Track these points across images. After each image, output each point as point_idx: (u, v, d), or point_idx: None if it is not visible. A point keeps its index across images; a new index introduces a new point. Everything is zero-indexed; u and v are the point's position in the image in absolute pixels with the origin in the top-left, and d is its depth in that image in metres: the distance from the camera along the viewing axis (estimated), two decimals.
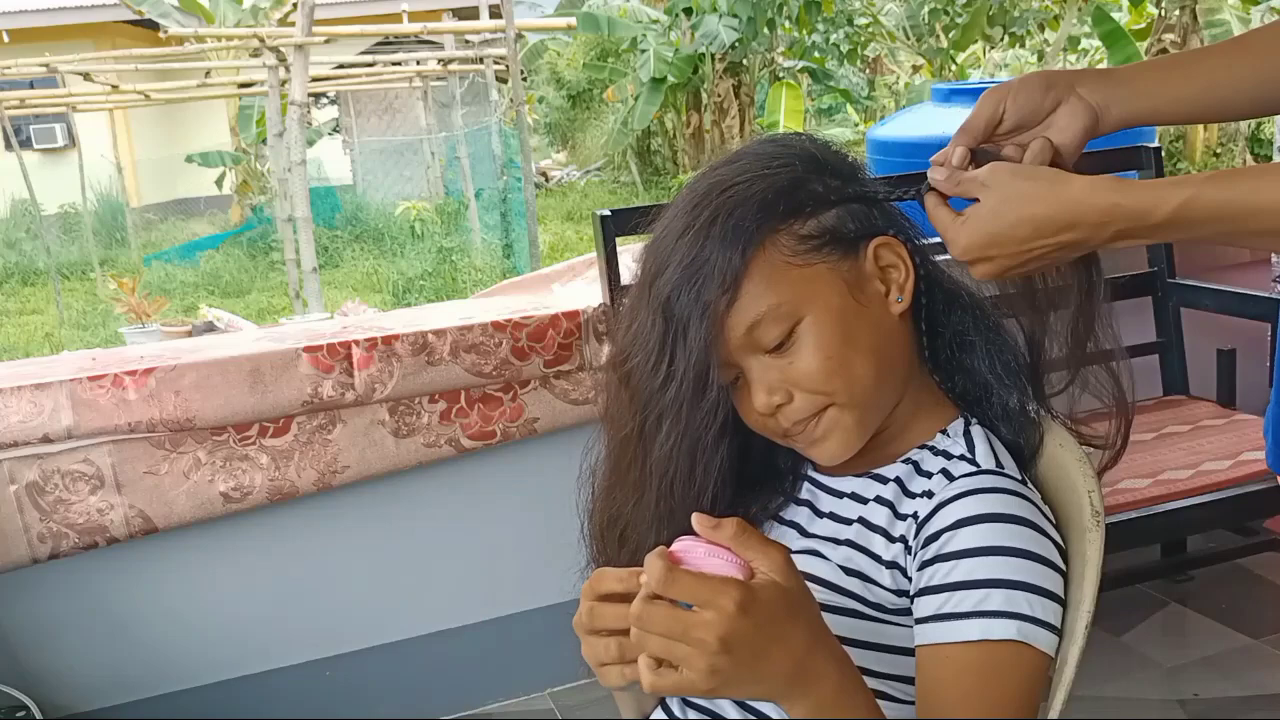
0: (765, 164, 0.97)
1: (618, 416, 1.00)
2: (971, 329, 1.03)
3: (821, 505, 1.05)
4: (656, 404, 0.95)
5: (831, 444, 0.98)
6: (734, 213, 0.93)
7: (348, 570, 2.35)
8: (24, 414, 2.02)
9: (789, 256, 0.94)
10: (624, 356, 0.98)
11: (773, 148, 1.00)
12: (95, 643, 2.20)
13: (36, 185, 11.15)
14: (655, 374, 0.95)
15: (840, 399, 0.96)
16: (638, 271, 1.00)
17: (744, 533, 0.79)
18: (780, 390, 0.96)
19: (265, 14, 12.20)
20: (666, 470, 0.97)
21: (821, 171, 0.98)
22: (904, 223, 1.01)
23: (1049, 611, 0.91)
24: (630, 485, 1.00)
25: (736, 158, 0.99)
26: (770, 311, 0.93)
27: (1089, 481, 1.00)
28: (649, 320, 0.95)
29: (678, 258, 0.94)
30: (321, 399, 2.14)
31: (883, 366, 0.98)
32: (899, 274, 0.98)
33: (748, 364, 0.96)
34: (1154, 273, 2.72)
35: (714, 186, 0.96)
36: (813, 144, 1.01)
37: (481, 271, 10.32)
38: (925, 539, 0.94)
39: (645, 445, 0.97)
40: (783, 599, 0.78)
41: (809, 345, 0.94)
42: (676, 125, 14.87)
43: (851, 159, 1.02)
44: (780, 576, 0.78)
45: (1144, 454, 2.38)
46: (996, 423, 1.03)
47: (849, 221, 0.97)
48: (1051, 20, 12.26)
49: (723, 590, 0.75)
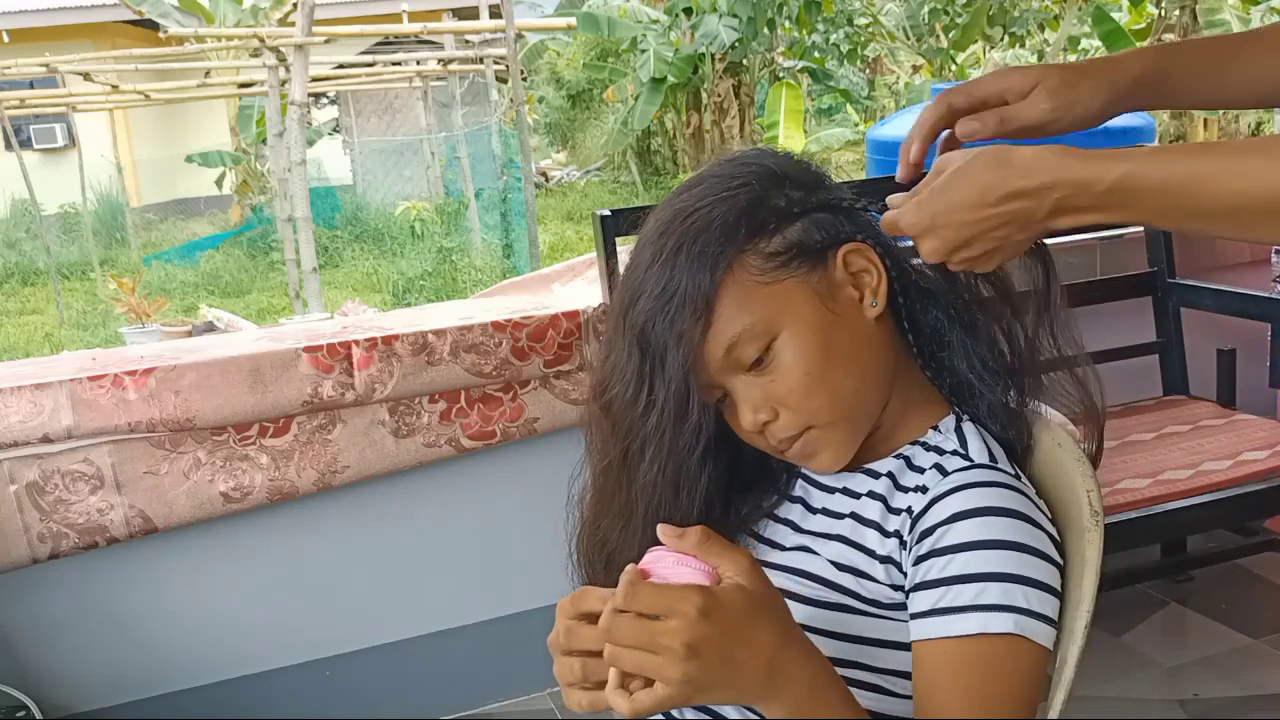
0: (725, 185, 0.97)
1: (601, 446, 1.02)
2: (948, 328, 1.03)
3: (814, 501, 1.05)
4: (638, 433, 0.97)
5: (824, 458, 0.99)
6: (698, 239, 0.94)
7: (348, 570, 2.35)
8: (24, 414, 2.02)
9: (757, 276, 0.95)
10: (603, 387, 0.99)
11: (731, 168, 1.00)
12: (95, 643, 2.20)
13: (36, 185, 11.14)
14: (635, 404, 0.96)
15: (822, 418, 0.97)
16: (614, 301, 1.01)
17: (708, 539, 0.81)
18: (765, 408, 0.97)
19: (265, 14, 12.19)
20: (651, 497, 0.98)
21: (781, 185, 0.98)
22: (874, 227, 1.01)
23: (1046, 604, 0.92)
24: (616, 512, 1.01)
25: (698, 182, 1.00)
26: (745, 332, 0.94)
27: (1088, 481, 1.00)
28: (625, 351, 0.96)
29: (649, 288, 0.95)
30: (321, 399, 2.14)
31: (864, 373, 0.98)
32: (871, 278, 0.99)
33: (731, 384, 0.97)
34: (1154, 273, 2.72)
35: (677, 214, 0.97)
36: (771, 158, 1.01)
37: (481, 271, 10.31)
38: (920, 533, 0.95)
39: (629, 473, 0.99)
40: (746, 601, 0.79)
41: (787, 360, 0.95)
42: (676, 125, 14.88)
43: (815, 168, 1.02)
44: (745, 579, 0.80)
45: (1144, 454, 2.38)
46: (986, 419, 1.03)
47: (815, 232, 0.97)
48: (1051, 20, 12.27)
49: (684, 597, 0.77)
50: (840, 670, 0.98)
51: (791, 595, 1.01)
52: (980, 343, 1.04)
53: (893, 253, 1.01)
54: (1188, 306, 2.71)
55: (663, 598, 0.77)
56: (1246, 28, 9.20)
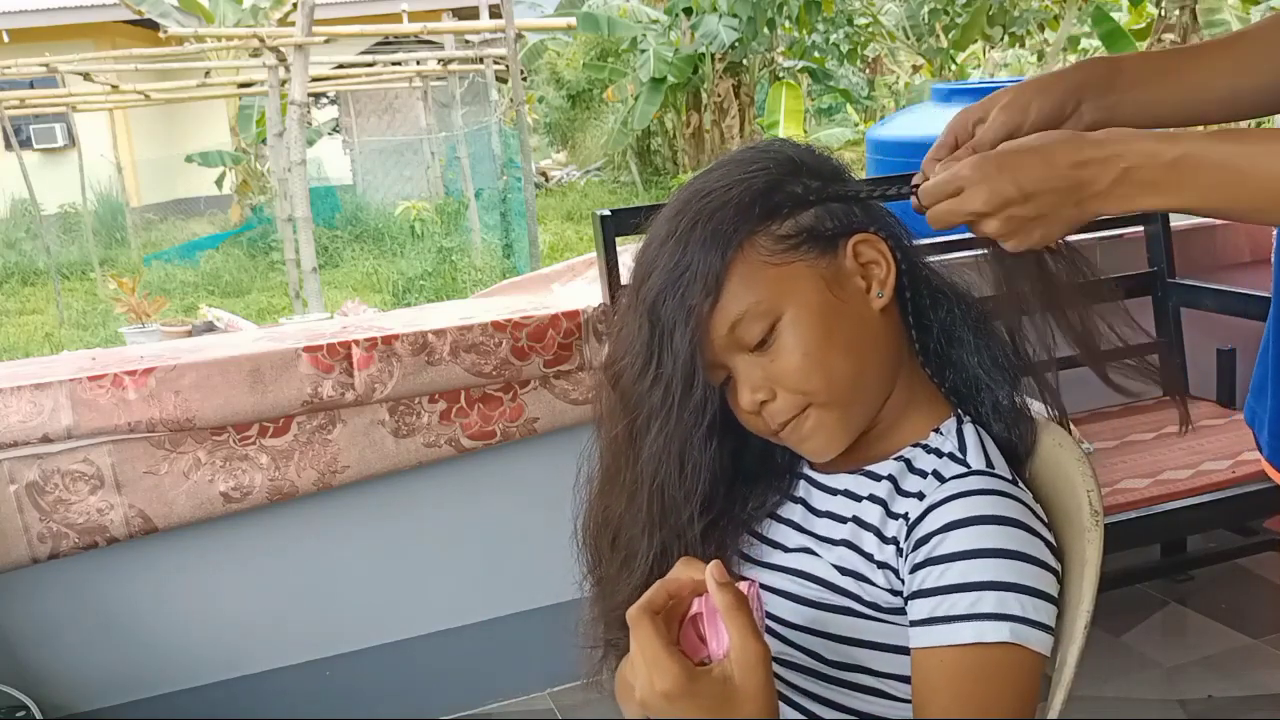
0: (743, 169, 0.99)
1: (609, 419, 1.03)
2: (959, 324, 1.04)
3: (817, 503, 1.05)
4: (645, 405, 0.98)
5: (818, 441, 1.00)
6: (713, 218, 0.96)
7: (348, 570, 2.35)
8: (24, 414, 2.02)
9: (766, 256, 0.96)
10: (614, 359, 1.01)
11: (751, 154, 1.02)
12: (95, 643, 2.20)
13: (36, 185, 11.14)
14: (644, 377, 0.97)
15: (820, 398, 0.97)
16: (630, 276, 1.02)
17: (737, 609, 0.82)
18: (764, 388, 0.97)
19: (265, 14, 12.19)
20: (656, 471, 0.99)
21: (798, 173, 0.99)
22: (888, 220, 1.02)
23: (1042, 611, 0.92)
24: (622, 487, 1.02)
25: (717, 165, 1.02)
26: (750, 310, 0.95)
27: (1088, 481, 1.00)
28: (636, 325, 0.98)
29: (662, 263, 0.96)
30: (321, 399, 2.14)
31: (864, 362, 0.99)
32: (880, 270, 0.99)
33: (734, 363, 0.98)
34: (1154, 272, 2.72)
35: (695, 194, 0.98)
36: (791, 148, 1.03)
37: (481, 271, 10.31)
38: (915, 542, 0.95)
39: (635, 446, 0.99)
40: (721, 695, 0.81)
41: (789, 341, 0.96)
42: (676, 125, 14.87)
43: (835, 161, 1.03)
44: (738, 672, 0.81)
45: (1143, 454, 2.39)
46: (989, 419, 1.04)
47: (827, 220, 0.98)
48: (1051, 20, 12.27)
49: (664, 667, 0.81)
50: (841, 673, 0.99)
51: (794, 597, 1.01)
52: (992, 338, 1.04)
53: (905, 247, 1.02)
54: (1188, 306, 2.71)
55: (649, 651, 0.81)
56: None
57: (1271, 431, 1.20)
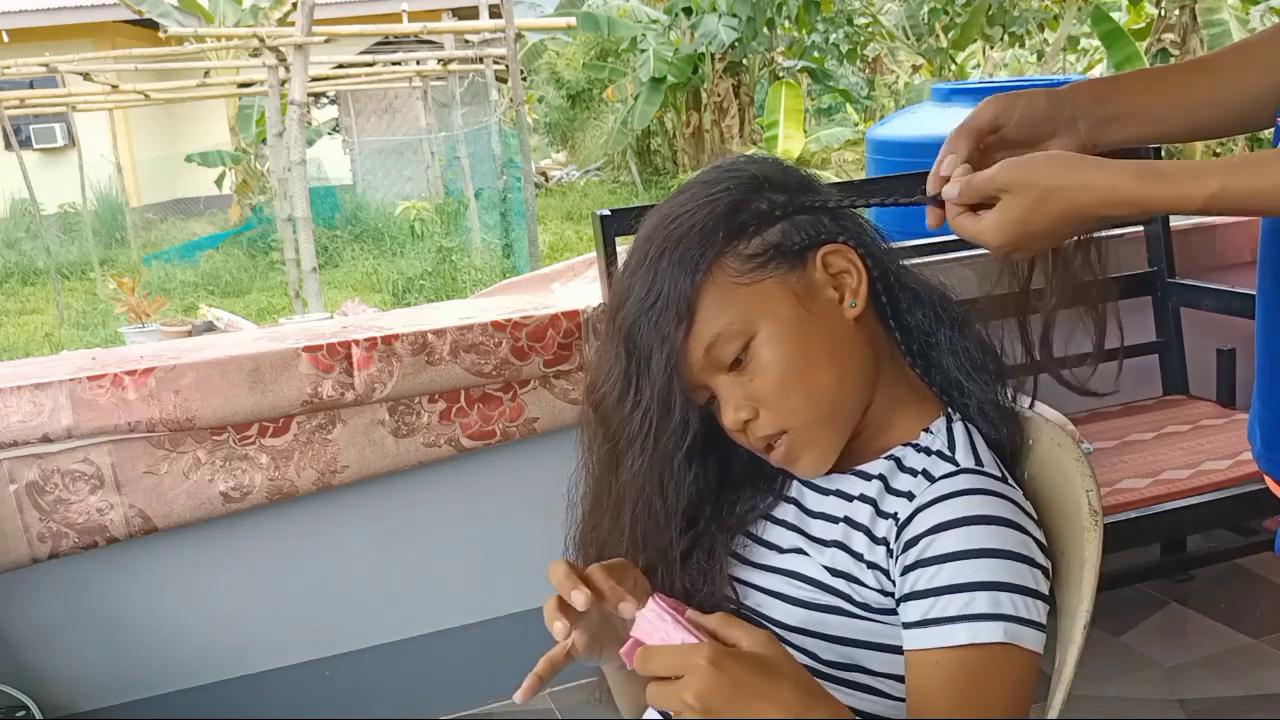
0: (707, 191, 1.00)
1: (592, 443, 1.05)
2: (935, 327, 1.04)
3: (810, 504, 1.05)
4: (625, 431, 1.00)
5: (807, 461, 1.01)
6: (680, 244, 0.97)
7: (348, 570, 2.35)
8: (24, 414, 2.02)
9: (735, 277, 0.97)
10: (594, 386, 1.03)
11: (715, 174, 1.03)
12: (95, 643, 2.20)
13: (36, 185, 11.14)
14: (622, 404, 0.99)
15: (801, 415, 0.98)
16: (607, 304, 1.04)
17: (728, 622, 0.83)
18: (745, 406, 0.98)
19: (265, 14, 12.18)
20: (639, 495, 1.01)
21: (761, 189, 1.00)
22: (858, 228, 1.03)
23: (1034, 610, 0.92)
24: (606, 509, 1.04)
25: (684, 189, 1.03)
26: (723, 331, 0.96)
27: (1087, 481, 1.00)
28: (614, 352, 0.99)
29: (635, 291, 0.98)
30: (321, 399, 2.14)
31: (842, 372, 0.99)
32: (851, 279, 1.00)
33: (715, 384, 0.99)
34: (1154, 272, 2.72)
35: (662, 219, 1.00)
36: (755, 165, 1.03)
37: (481, 271, 10.31)
38: (905, 543, 0.95)
39: (618, 470, 1.02)
40: (760, 662, 0.81)
41: (765, 359, 0.97)
42: (676, 125, 14.88)
43: (801, 173, 1.04)
44: (762, 649, 0.81)
45: (1143, 454, 2.38)
46: (976, 417, 1.04)
47: (794, 234, 0.99)
48: (1051, 20, 12.27)
49: (694, 650, 0.80)
50: (837, 672, 0.99)
51: (786, 598, 1.02)
52: (970, 339, 1.05)
53: (876, 254, 1.02)
54: (1188, 306, 2.71)
55: (674, 656, 0.80)
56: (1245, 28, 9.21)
57: (1264, 439, 1.21)
